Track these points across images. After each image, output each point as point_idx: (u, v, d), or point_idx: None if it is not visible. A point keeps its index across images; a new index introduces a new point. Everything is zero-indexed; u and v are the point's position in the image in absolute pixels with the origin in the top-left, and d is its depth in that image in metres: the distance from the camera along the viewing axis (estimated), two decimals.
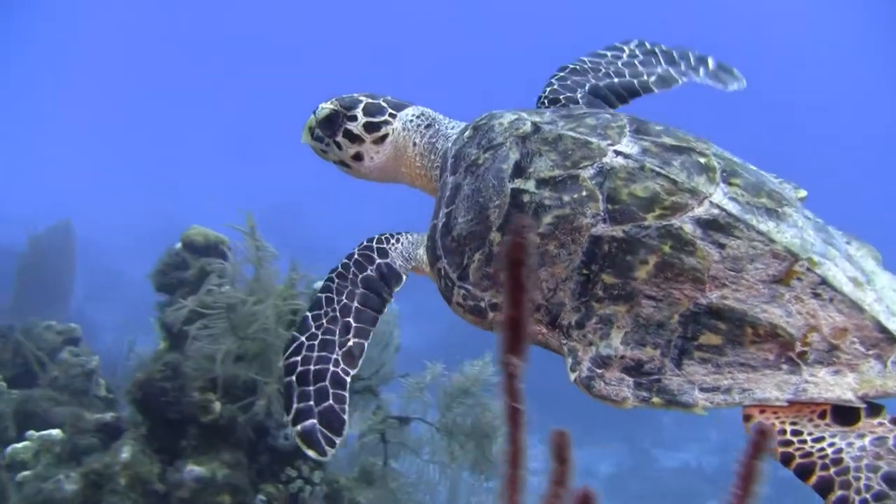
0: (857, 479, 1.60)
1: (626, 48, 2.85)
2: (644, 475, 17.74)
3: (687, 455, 17.24)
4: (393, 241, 2.43)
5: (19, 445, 6.10)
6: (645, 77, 2.76)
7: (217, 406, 5.59)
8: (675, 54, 2.87)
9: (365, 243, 2.44)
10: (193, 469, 5.45)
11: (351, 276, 2.36)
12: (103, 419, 5.98)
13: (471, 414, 6.12)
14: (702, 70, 2.86)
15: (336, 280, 2.37)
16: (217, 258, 6.16)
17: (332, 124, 2.61)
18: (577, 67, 2.76)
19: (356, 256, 2.41)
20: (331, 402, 2.16)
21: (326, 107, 2.64)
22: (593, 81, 2.70)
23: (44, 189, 27.18)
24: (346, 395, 2.21)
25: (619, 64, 2.79)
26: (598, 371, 1.84)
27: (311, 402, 2.16)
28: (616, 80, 2.74)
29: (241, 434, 5.68)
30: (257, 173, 30.65)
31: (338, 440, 2.13)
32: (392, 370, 6.29)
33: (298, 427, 2.13)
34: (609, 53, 2.83)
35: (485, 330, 2.12)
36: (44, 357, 7.44)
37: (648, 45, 2.87)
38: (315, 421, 2.13)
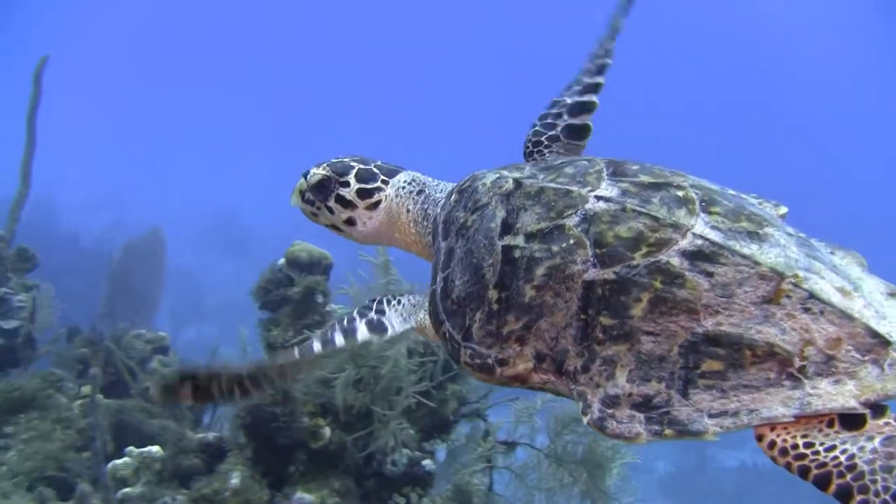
0: (874, 481, 1.64)
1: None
2: (701, 474, 17.38)
3: (743, 454, 16.88)
4: (394, 301, 2.51)
5: (120, 462, 6.03)
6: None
7: (327, 432, 5.46)
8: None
9: (366, 303, 2.53)
10: (304, 497, 5.30)
11: (339, 325, 2.45)
12: (206, 439, 5.88)
13: (582, 442, 5.92)
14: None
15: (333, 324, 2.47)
16: (320, 274, 5.98)
17: (323, 189, 2.63)
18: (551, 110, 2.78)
19: (354, 314, 2.48)
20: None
21: (318, 172, 2.67)
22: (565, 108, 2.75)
23: (99, 177, 27.28)
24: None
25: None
26: (609, 411, 1.89)
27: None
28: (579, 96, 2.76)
29: (350, 460, 5.51)
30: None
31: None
32: (501, 394, 6.09)
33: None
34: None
35: (494, 384, 2.20)
36: (134, 366, 7.35)
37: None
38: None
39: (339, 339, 2.39)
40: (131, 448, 6.05)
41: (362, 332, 2.41)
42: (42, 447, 6.22)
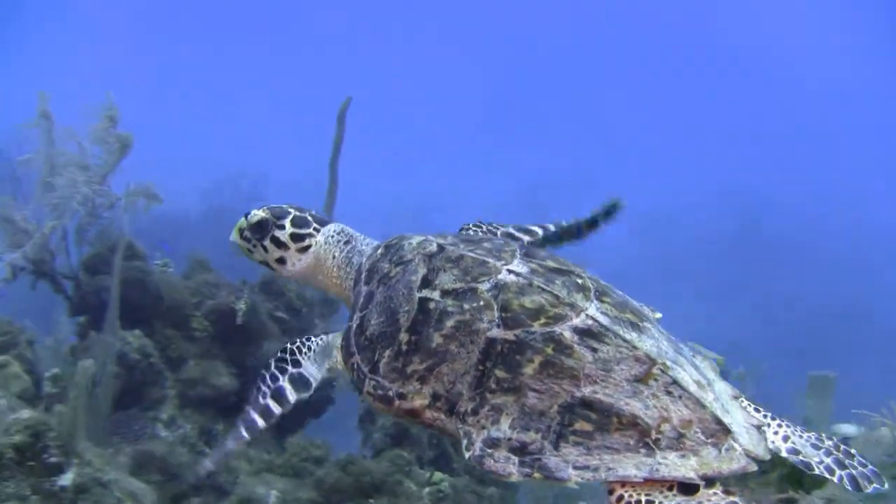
0: None
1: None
2: None
3: None
4: (305, 348, 2.71)
5: None
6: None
7: None
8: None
9: (279, 354, 2.73)
10: None
11: (265, 387, 2.66)
12: None
13: None
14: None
15: (258, 386, 2.68)
16: None
17: (261, 229, 2.94)
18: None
19: (272, 369, 2.69)
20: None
21: (258, 213, 2.96)
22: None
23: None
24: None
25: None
26: (489, 451, 2.14)
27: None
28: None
29: None
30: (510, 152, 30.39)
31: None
32: None
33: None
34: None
35: (390, 416, 2.42)
36: None
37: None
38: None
39: (275, 407, 2.61)
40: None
41: (290, 392, 2.62)
42: None
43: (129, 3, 37.28)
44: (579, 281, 2.41)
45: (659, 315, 2.55)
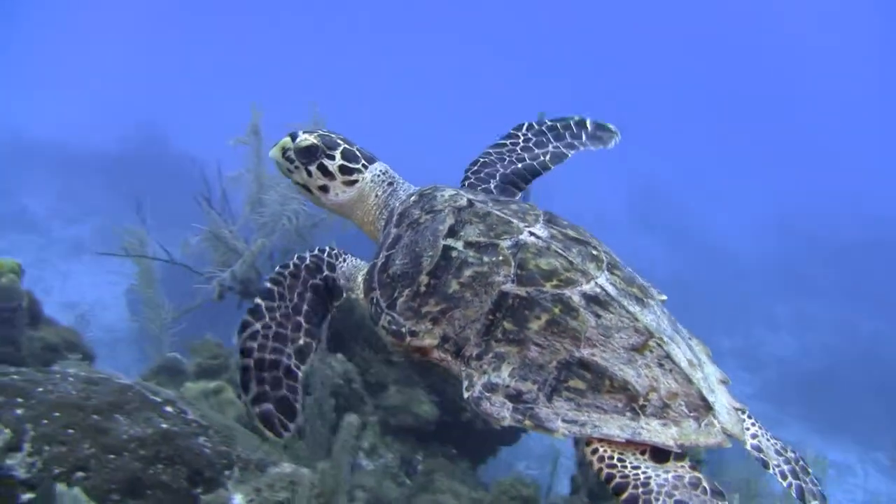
0: (658, 499, 2.07)
1: (519, 134, 3.28)
2: None
3: None
4: (341, 259, 2.83)
5: None
6: (542, 158, 3.19)
7: None
8: (559, 127, 3.29)
9: (317, 251, 2.84)
10: None
11: (302, 278, 2.76)
12: None
13: None
14: (583, 135, 3.29)
15: (288, 277, 2.76)
16: None
17: (309, 154, 2.97)
18: (486, 160, 3.19)
19: (308, 261, 2.80)
20: (285, 391, 2.55)
21: (309, 138, 2.97)
22: (501, 170, 3.15)
23: None
24: (299, 387, 2.59)
25: (518, 150, 3.23)
26: (487, 394, 2.29)
27: (268, 388, 2.54)
28: (519, 165, 3.16)
29: None
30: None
31: (291, 426, 2.52)
32: None
33: (257, 409, 2.51)
34: (508, 142, 3.26)
35: (400, 351, 2.55)
36: None
37: (536, 126, 3.29)
38: (272, 406, 2.51)
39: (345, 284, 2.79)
40: None
41: (344, 266, 2.81)
42: None
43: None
44: (594, 252, 2.54)
45: (664, 297, 2.63)
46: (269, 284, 2.72)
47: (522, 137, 3.29)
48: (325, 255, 2.82)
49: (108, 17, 41.30)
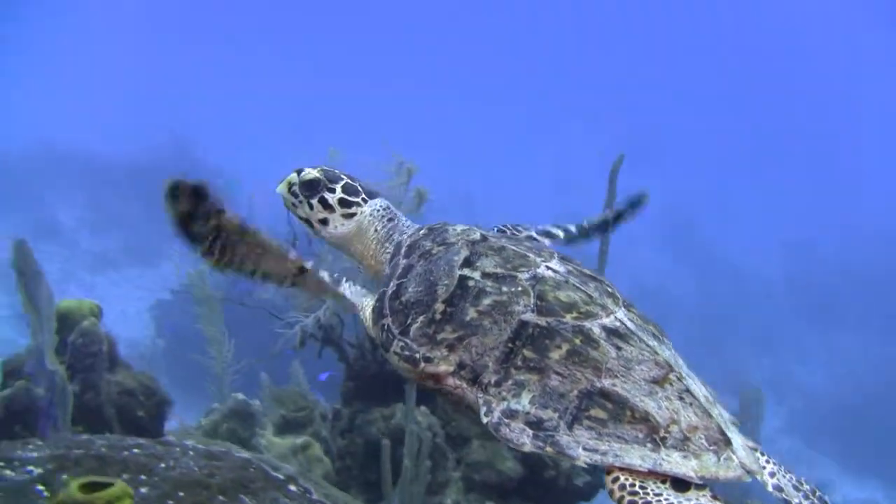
0: None
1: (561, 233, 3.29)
2: None
3: None
4: (350, 282, 2.88)
5: None
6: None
7: None
8: (598, 223, 3.40)
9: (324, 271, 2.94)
10: None
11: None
12: None
13: None
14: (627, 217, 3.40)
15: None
16: None
17: (312, 188, 3.04)
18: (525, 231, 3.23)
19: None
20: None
21: (312, 172, 3.06)
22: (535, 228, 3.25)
23: None
24: None
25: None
26: (506, 420, 2.31)
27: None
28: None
29: None
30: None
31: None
32: None
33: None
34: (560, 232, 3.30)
35: (411, 378, 2.59)
36: None
37: (577, 228, 3.36)
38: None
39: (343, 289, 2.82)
40: None
41: (348, 292, 2.82)
42: None
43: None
44: (610, 290, 2.61)
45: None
46: None
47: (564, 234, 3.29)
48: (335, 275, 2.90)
49: (144, 28, 42.10)
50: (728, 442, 2.25)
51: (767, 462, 2.54)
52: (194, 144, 24.51)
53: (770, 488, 2.48)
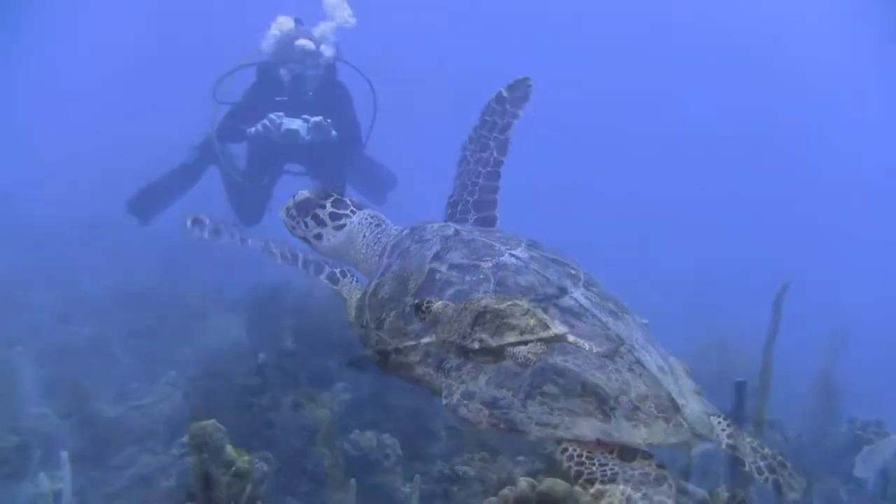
0: (624, 493, 2.12)
1: (466, 153, 3.44)
2: None
3: None
4: (348, 276, 3.25)
5: None
6: (491, 159, 3.41)
7: None
8: (486, 117, 3.46)
9: (327, 268, 3.29)
10: None
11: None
12: None
13: None
14: (505, 105, 3.43)
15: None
16: None
17: (305, 207, 3.37)
18: (456, 199, 3.39)
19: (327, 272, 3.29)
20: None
21: (304, 194, 3.41)
22: (471, 200, 3.38)
23: None
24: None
25: (471, 168, 3.40)
26: (465, 401, 2.40)
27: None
28: (480, 181, 3.40)
29: None
30: None
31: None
32: None
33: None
34: (460, 168, 3.45)
35: (387, 370, 2.74)
36: None
37: (474, 134, 3.45)
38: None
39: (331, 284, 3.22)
40: None
41: (343, 285, 3.20)
42: None
43: None
44: (572, 272, 2.75)
45: (646, 321, 2.79)
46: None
47: (469, 153, 3.43)
48: (337, 269, 3.27)
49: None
50: (677, 408, 2.32)
51: (729, 426, 2.58)
52: None
53: (724, 446, 2.54)
